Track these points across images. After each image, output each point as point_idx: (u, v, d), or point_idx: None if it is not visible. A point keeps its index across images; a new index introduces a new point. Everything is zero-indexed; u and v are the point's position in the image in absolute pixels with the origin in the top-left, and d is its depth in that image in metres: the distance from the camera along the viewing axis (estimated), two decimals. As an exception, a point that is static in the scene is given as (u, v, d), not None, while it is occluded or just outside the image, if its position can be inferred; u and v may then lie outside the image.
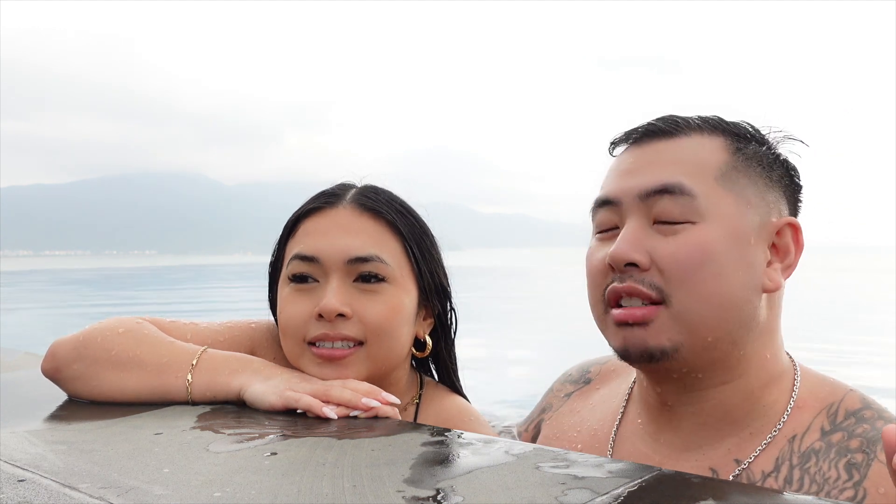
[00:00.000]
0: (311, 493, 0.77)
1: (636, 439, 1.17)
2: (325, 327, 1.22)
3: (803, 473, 1.00)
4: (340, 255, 1.24)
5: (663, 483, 0.78)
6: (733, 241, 1.02)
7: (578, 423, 1.31)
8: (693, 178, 1.04)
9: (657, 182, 1.04)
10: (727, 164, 1.06)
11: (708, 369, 1.05)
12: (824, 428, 1.03)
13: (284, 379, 1.19)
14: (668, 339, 1.02)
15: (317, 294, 1.24)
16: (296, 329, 1.24)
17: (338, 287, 1.23)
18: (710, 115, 1.12)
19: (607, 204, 1.09)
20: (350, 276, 1.25)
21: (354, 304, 1.23)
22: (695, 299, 1.01)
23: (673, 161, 1.06)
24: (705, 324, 1.01)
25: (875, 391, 1.27)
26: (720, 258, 1.01)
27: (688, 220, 1.03)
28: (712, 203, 1.03)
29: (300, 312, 1.24)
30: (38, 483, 0.81)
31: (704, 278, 1.01)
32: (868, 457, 0.97)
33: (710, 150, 1.07)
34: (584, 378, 1.40)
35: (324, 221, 1.29)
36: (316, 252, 1.25)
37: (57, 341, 1.27)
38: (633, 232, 1.04)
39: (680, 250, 1.01)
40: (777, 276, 1.06)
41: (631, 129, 1.13)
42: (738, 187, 1.05)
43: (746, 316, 1.04)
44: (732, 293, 1.02)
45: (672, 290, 1.01)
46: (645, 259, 1.02)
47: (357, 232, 1.27)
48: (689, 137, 1.08)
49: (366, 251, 1.25)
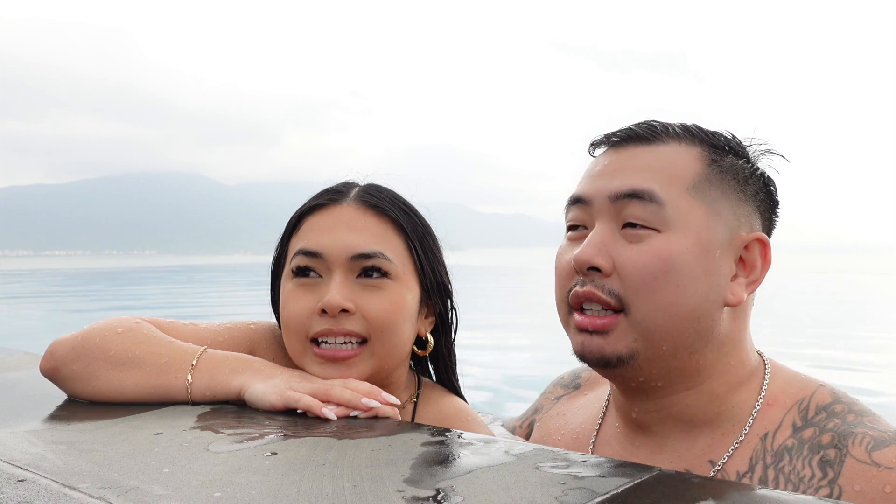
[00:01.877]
0: (311, 493, 0.77)
1: (614, 443, 1.18)
2: (328, 323, 1.22)
3: (777, 473, 1.00)
4: (344, 251, 1.24)
5: (663, 483, 0.78)
6: (698, 252, 1.02)
7: (563, 426, 1.32)
8: (664, 186, 1.03)
9: (628, 186, 1.04)
10: (700, 175, 1.05)
11: (666, 378, 1.06)
12: (796, 424, 1.03)
13: (285, 378, 1.19)
14: (625, 347, 1.03)
15: (320, 290, 1.25)
16: (298, 325, 1.24)
17: (341, 283, 1.23)
18: (690, 124, 1.12)
19: (579, 202, 1.10)
20: (353, 272, 1.25)
21: (357, 300, 1.23)
22: (653, 309, 1.01)
23: (647, 167, 1.06)
24: (662, 333, 1.02)
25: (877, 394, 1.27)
26: (682, 269, 1.01)
27: (654, 227, 1.02)
28: (680, 213, 1.02)
29: (303, 308, 1.24)
30: (38, 483, 0.81)
31: (665, 288, 1.01)
32: (840, 453, 0.97)
33: (684, 160, 1.06)
34: (574, 383, 1.43)
35: (328, 218, 1.29)
36: (319, 247, 1.25)
37: (56, 341, 1.26)
38: (600, 236, 1.05)
39: (641, 258, 1.01)
40: (740, 290, 1.06)
41: (610, 132, 1.13)
42: (709, 199, 1.04)
43: (705, 328, 1.04)
44: (692, 305, 1.02)
45: (631, 298, 1.02)
46: (607, 264, 1.03)
47: (361, 229, 1.27)
48: (665, 145, 1.08)
49: (369, 247, 1.25)
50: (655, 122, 1.12)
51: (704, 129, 1.12)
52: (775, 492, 0.76)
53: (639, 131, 1.10)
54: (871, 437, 0.97)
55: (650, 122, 1.12)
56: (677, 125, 1.11)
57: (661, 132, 1.09)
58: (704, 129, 1.12)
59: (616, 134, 1.12)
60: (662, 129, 1.10)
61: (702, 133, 1.11)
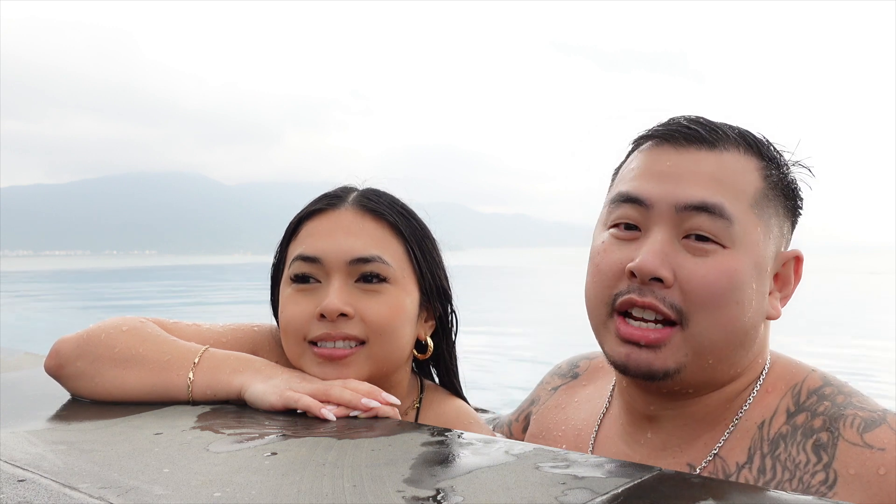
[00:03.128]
0: (311, 493, 0.77)
1: (617, 439, 1.17)
2: (326, 327, 1.22)
3: (774, 461, 1.00)
4: (342, 256, 1.24)
5: (663, 483, 0.78)
6: (756, 271, 1.02)
7: (563, 420, 1.31)
8: (731, 200, 1.01)
9: (698, 198, 1.00)
10: (760, 191, 1.04)
11: (700, 385, 1.06)
12: (789, 409, 1.04)
13: (285, 379, 1.19)
14: (675, 362, 1.00)
15: (318, 294, 1.25)
16: (297, 329, 1.24)
17: (340, 287, 1.23)
18: (741, 129, 1.09)
19: (635, 202, 1.04)
20: (352, 276, 1.25)
21: (356, 304, 1.23)
22: (713, 325, 0.99)
23: (713, 178, 1.02)
24: (714, 348, 1.01)
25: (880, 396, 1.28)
26: (744, 287, 1.00)
27: (720, 242, 1.00)
28: (745, 230, 1.01)
29: (302, 312, 1.24)
30: (39, 483, 0.81)
31: (727, 305, 0.99)
32: (833, 436, 0.97)
33: (746, 173, 1.04)
34: (572, 372, 1.41)
35: (326, 223, 1.29)
36: (318, 253, 1.25)
37: (60, 339, 1.27)
38: (662, 244, 1.00)
39: (710, 274, 0.99)
40: (778, 304, 1.07)
41: (670, 128, 1.07)
42: (765, 216, 1.04)
43: (750, 341, 1.04)
44: (746, 321, 1.01)
45: (692, 312, 0.99)
46: (670, 275, 0.99)
47: (359, 233, 1.27)
48: (728, 153, 1.04)
49: (368, 252, 1.25)
50: (715, 124, 1.07)
51: (756, 137, 1.09)
52: (775, 492, 0.76)
53: (702, 132, 1.05)
54: (861, 417, 0.97)
55: (711, 124, 1.07)
56: (733, 129, 1.07)
57: (723, 136, 1.06)
58: (755, 135, 1.09)
59: (678, 131, 1.06)
60: (722, 132, 1.06)
61: (755, 141, 1.08)
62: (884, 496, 0.91)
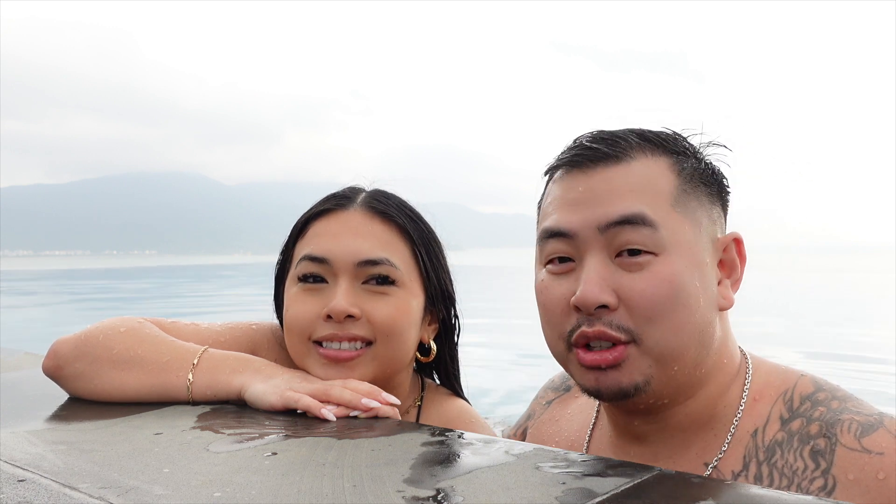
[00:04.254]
0: (311, 493, 0.77)
1: (608, 450, 1.17)
2: (333, 328, 1.22)
3: (771, 468, 1.00)
4: (351, 258, 1.25)
5: (663, 483, 0.78)
6: (693, 267, 1.01)
7: (557, 432, 1.32)
8: (652, 206, 1.00)
9: (617, 213, 1.00)
10: (678, 188, 1.03)
11: (674, 394, 1.05)
12: (783, 416, 1.03)
13: (285, 379, 1.19)
14: (641, 375, 1.01)
15: (325, 295, 1.25)
16: (302, 328, 1.25)
17: (347, 288, 1.23)
18: (643, 130, 1.08)
19: (560, 235, 1.04)
20: (359, 278, 1.25)
21: (363, 306, 1.23)
22: (666, 334, 0.99)
23: (628, 189, 1.01)
24: (674, 355, 1.01)
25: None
26: (687, 288, 1.00)
27: (651, 251, 0.99)
28: (672, 231, 1.00)
29: (307, 312, 1.25)
30: (39, 483, 0.81)
31: (674, 311, 0.99)
32: (830, 442, 0.97)
33: (659, 175, 1.03)
34: (564, 385, 1.41)
35: (334, 223, 1.29)
36: (326, 253, 1.25)
37: (58, 340, 1.27)
38: (597, 271, 1.00)
39: (648, 287, 0.98)
40: (729, 292, 1.05)
41: (574, 153, 1.07)
42: (689, 210, 1.03)
43: (707, 337, 1.03)
44: (698, 320, 1.01)
45: (642, 328, 0.99)
46: (613, 299, 0.99)
47: (367, 235, 1.27)
48: (636, 161, 1.04)
49: (376, 254, 1.25)
50: (617, 135, 1.06)
51: (660, 135, 1.08)
52: (774, 491, 0.76)
53: (605, 149, 1.04)
54: (857, 422, 0.97)
55: (613, 136, 1.06)
56: (633, 135, 1.06)
57: (626, 146, 1.05)
58: (659, 133, 1.08)
59: (581, 155, 1.05)
60: (624, 142, 1.05)
61: (661, 140, 1.07)
62: (884, 500, 0.91)
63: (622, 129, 1.08)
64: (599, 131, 1.08)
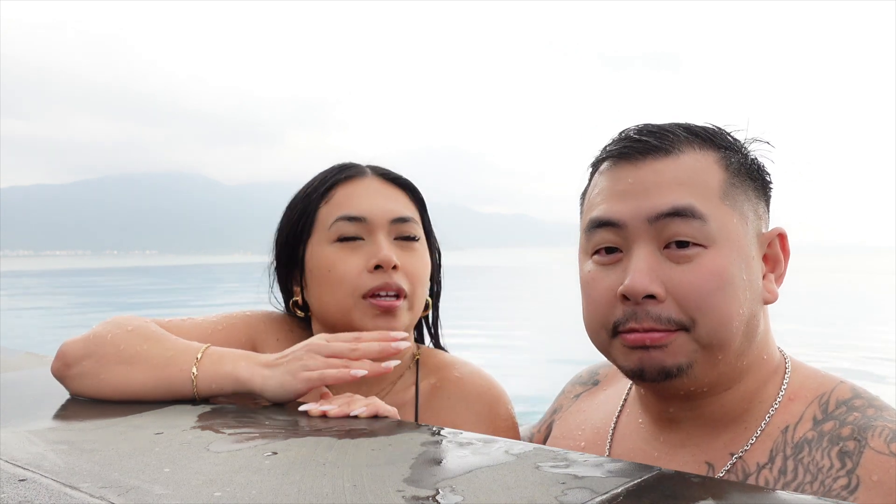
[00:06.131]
0: (311, 492, 0.77)
1: (635, 437, 1.18)
2: (383, 278, 1.33)
3: (797, 464, 1.00)
4: (386, 215, 1.38)
5: (663, 483, 0.78)
6: (741, 261, 1.02)
7: (583, 421, 1.33)
8: (701, 199, 1.01)
9: (667, 205, 1.01)
10: (725, 182, 1.04)
11: (714, 382, 1.06)
12: (816, 417, 1.03)
13: (293, 364, 1.20)
14: (685, 357, 1.01)
15: (365, 250, 1.36)
16: (352, 282, 1.34)
17: (387, 242, 1.36)
18: (689, 124, 1.09)
19: (609, 225, 1.05)
20: (392, 234, 1.38)
21: (399, 258, 1.36)
22: (715, 325, 1.00)
23: (678, 182, 1.02)
24: (721, 344, 1.01)
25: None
26: (734, 281, 1.00)
27: (701, 244, 1.00)
28: (721, 224, 1.01)
29: (353, 267, 1.34)
30: (39, 482, 0.81)
31: (723, 303, 0.99)
32: (860, 444, 0.97)
33: (708, 169, 1.04)
34: (592, 380, 1.43)
35: (361, 187, 1.41)
36: (363, 212, 1.37)
37: (66, 342, 1.29)
38: (646, 261, 1.01)
39: (697, 279, 0.99)
40: (773, 287, 1.07)
41: (622, 145, 1.08)
42: (737, 204, 1.04)
43: (752, 329, 1.04)
44: (745, 312, 1.02)
45: (694, 318, 1.00)
46: (662, 290, 1.00)
47: (394, 197, 1.42)
48: (684, 154, 1.05)
49: (405, 212, 1.41)
50: (665, 128, 1.08)
51: (706, 129, 1.09)
52: (776, 491, 0.77)
53: (654, 142, 1.05)
54: (890, 429, 0.97)
55: (660, 129, 1.07)
56: (680, 129, 1.08)
57: (674, 139, 1.06)
58: (705, 127, 1.10)
59: (630, 147, 1.07)
60: (673, 135, 1.07)
61: (707, 134, 1.08)
62: None
63: (668, 122, 1.10)
64: (646, 124, 1.10)
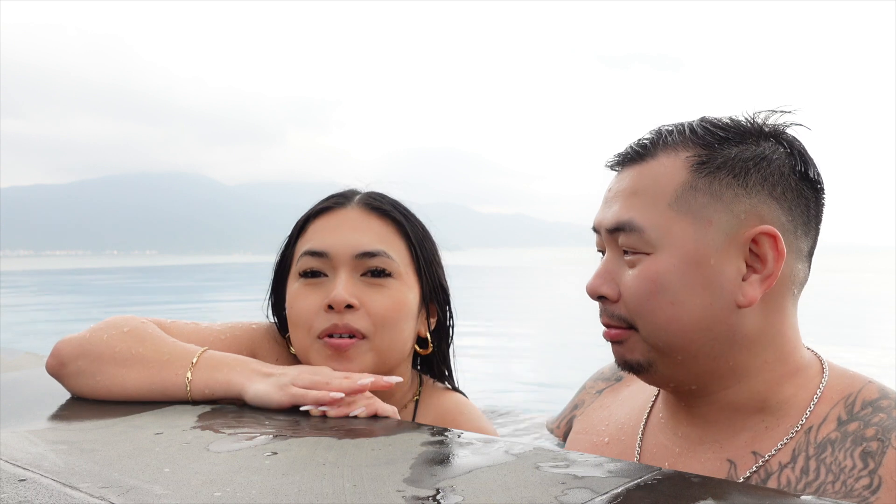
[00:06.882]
0: (311, 492, 0.77)
1: (658, 433, 1.19)
2: (334, 318, 1.26)
3: (819, 463, 1.00)
4: (349, 250, 1.29)
5: (663, 483, 0.78)
6: (687, 266, 1.02)
7: (607, 416, 1.34)
8: (644, 209, 1.05)
9: (612, 221, 1.09)
10: (683, 185, 1.03)
11: (698, 381, 1.07)
12: (841, 418, 1.03)
13: (286, 376, 1.20)
14: (641, 356, 1.08)
15: (326, 288, 1.29)
16: (306, 321, 1.28)
17: (346, 280, 1.28)
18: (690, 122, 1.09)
19: (595, 230, 1.15)
20: (358, 270, 1.30)
21: (362, 297, 1.28)
22: (655, 327, 1.05)
23: (631, 192, 1.08)
24: (671, 346, 1.05)
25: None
26: (672, 286, 1.03)
27: (643, 251, 1.05)
28: (663, 232, 1.04)
29: (310, 305, 1.28)
30: (39, 482, 0.81)
31: (659, 307, 1.04)
32: (883, 444, 0.97)
33: (667, 173, 1.05)
34: (615, 375, 1.44)
35: (333, 220, 1.34)
36: (325, 247, 1.30)
37: (62, 340, 1.28)
38: (605, 265, 1.11)
39: (634, 283, 1.06)
40: (752, 289, 1.02)
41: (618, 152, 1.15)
42: (695, 207, 1.03)
43: (721, 333, 1.03)
44: (694, 317, 1.02)
45: (635, 319, 1.06)
46: (613, 292, 1.08)
47: (365, 229, 1.32)
48: (654, 160, 1.08)
49: (373, 246, 1.30)
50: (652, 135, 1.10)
51: (704, 125, 1.07)
52: (776, 492, 0.77)
53: (634, 149, 1.11)
54: None
55: (653, 136, 1.11)
56: (674, 128, 1.08)
57: (652, 146, 1.09)
58: (704, 124, 1.07)
59: (621, 154, 1.14)
60: (658, 140, 1.08)
61: (693, 132, 1.06)
62: None
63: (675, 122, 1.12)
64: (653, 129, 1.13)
